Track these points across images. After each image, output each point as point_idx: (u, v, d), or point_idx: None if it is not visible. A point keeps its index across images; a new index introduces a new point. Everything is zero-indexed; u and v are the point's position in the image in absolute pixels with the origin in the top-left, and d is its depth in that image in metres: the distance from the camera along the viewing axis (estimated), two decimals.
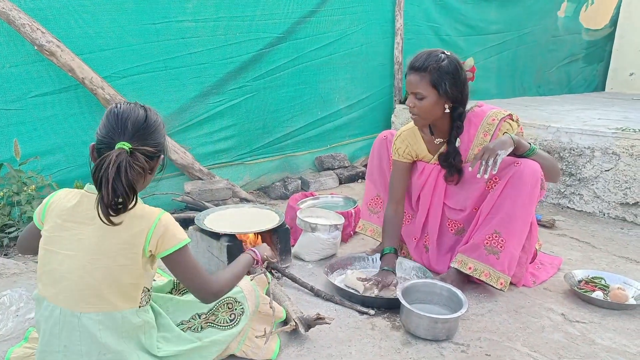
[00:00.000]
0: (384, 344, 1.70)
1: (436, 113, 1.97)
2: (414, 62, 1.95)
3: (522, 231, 1.96)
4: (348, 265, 2.29)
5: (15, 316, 1.73)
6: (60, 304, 1.31)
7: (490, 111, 2.03)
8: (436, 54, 1.92)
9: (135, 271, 1.33)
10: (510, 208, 1.92)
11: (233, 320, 1.52)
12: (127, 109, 1.34)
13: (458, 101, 1.97)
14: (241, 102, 3.48)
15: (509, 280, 1.98)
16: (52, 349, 1.33)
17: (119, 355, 1.33)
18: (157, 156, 1.39)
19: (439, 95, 1.92)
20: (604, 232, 2.88)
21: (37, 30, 2.54)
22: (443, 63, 1.90)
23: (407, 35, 4.36)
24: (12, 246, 2.59)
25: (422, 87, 1.92)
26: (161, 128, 1.39)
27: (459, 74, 1.92)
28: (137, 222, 1.31)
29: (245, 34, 3.38)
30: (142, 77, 2.99)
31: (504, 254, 1.95)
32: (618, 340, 1.75)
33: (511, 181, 1.92)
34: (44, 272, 1.35)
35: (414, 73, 1.94)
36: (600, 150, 3.10)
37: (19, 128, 2.65)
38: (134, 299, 1.35)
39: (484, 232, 1.98)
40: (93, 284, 1.30)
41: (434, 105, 1.94)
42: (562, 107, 4.54)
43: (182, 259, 1.37)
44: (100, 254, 1.30)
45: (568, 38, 6.10)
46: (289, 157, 3.89)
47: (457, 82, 1.92)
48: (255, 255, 1.69)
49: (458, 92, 1.94)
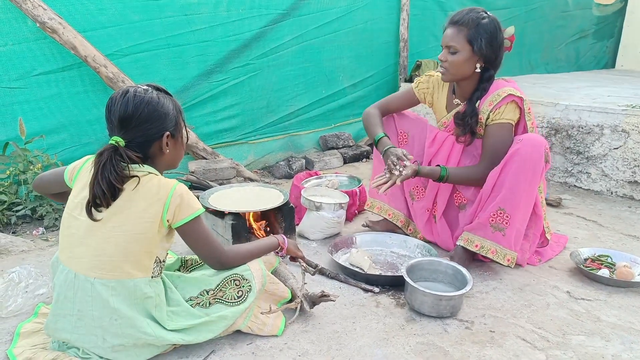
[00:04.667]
0: (388, 321, 1.71)
1: (465, 70, 1.96)
2: (455, 15, 1.95)
3: (527, 205, 1.94)
4: (352, 244, 2.30)
5: (25, 292, 1.76)
6: (75, 269, 1.37)
7: (506, 86, 2.00)
8: (478, 11, 1.92)
9: (150, 240, 1.38)
10: (513, 183, 1.90)
11: (240, 297, 1.53)
12: (114, 101, 1.38)
13: (490, 62, 1.96)
14: (245, 80, 3.45)
15: (515, 256, 1.98)
16: (65, 312, 1.39)
17: (130, 321, 1.37)
18: (158, 138, 1.42)
19: (473, 52, 1.91)
20: (612, 210, 2.86)
21: (38, 7, 2.51)
22: (483, 21, 1.90)
23: (413, 11, 4.27)
24: (20, 224, 2.61)
25: (457, 41, 1.92)
26: (155, 114, 1.40)
27: (497, 34, 1.92)
28: (154, 192, 1.38)
29: (248, 11, 3.33)
30: (144, 55, 2.97)
31: (510, 229, 1.94)
32: (624, 317, 1.75)
33: (512, 158, 1.90)
34: (64, 237, 1.42)
35: (452, 26, 1.94)
36: (610, 128, 3.05)
37: (23, 106, 2.64)
38: (146, 268, 1.40)
39: (488, 210, 1.97)
40: (109, 250, 1.35)
41: (466, 61, 1.93)
42: (571, 85, 4.46)
43: (197, 228, 1.45)
44: (117, 222, 1.36)
45: (577, 13, 5.97)
46: (293, 136, 3.88)
47: (494, 43, 1.91)
48: (283, 243, 1.74)
49: (492, 53, 1.93)
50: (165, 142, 1.44)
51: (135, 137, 1.39)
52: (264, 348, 1.55)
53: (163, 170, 1.51)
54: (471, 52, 1.92)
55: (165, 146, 1.44)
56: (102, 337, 1.38)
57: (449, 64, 1.95)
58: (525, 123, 2.03)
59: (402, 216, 2.36)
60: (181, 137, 1.52)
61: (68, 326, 1.40)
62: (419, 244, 2.24)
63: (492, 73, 1.99)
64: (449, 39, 1.94)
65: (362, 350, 1.54)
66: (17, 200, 2.60)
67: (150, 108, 1.39)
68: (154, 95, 1.41)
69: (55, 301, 1.42)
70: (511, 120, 1.99)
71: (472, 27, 1.89)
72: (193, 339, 1.46)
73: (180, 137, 1.51)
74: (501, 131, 1.98)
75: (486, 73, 1.98)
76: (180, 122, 1.50)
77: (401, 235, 2.31)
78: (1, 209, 2.53)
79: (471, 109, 2.02)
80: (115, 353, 1.41)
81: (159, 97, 1.42)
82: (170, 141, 1.45)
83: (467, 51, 1.91)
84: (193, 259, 1.78)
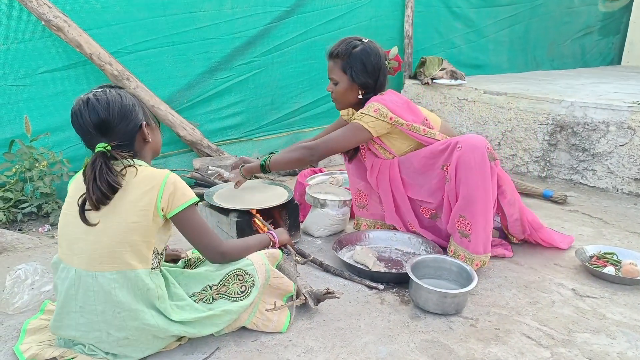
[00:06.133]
0: (393, 318, 1.71)
1: (350, 98, 2.09)
2: (332, 48, 2.06)
3: (485, 210, 1.92)
4: (357, 241, 2.30)
5: (31, 289, 1.77)
6: (75, 265, 1.39)
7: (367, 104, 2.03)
8: (350, 41, 2.02)
9: (146, 228, 1.40)
10: (465, 191, 1.91)
11: (244, 292, 1.54)
12: (80, 113, 1.37)
13: (369, 87, 2.05)
14: (249, 77, 3.45)
15: (486, 259, 1.98)
16: (69, 310, 1.40)
17: (133, 314, 1.38)
18: (138, 130, 1.45)
19: (350, 81, 2.03)
20: (617, 207, 2.85)
21: (44, 5, 2.51)
22: (354, 50, 1.99)
23: (418, 7, 4.25)
24: (26, 221, 2.63)
25: (335, 73, 2.06)
26: (126, 109, 1.41)
27: (369, 60, 2.00)
28: (147, 181, 1.40)
29: (253, 8, 3.33)
30: (149, 53, 2.97)
31: (474, 236, 1.94)
32: (629, 314, 1.75)
33: (459, 165, 1.91)
34: (61, 235, 1.44)
35: (329, 59, 2.07)
36: (615, 125, 3.04)
37: (28, 104, 2.66)
38: (146, 259, 1.42)
39: (452, 217, 2.00)
40: (107, 242, 1.37)
41: (346, 89, 2.06)
42: (576, 81, 4.44)
43: (191, 217, 1.46)
44: (112, 213, 1.38)
45: (583, 9, 5.92)
46: (298, 133, 3.87)
47: (368, 69, 2.01)
48: (273, 238, 1.80)
49: (369, 78, 2.02)
50: (146, 132, 1.47)
51: (118, 137, 1.40)
52: (268, 345, 1.55)
53: (150, 160, 1.54)
54: (349, 81, 2.03)
55: (147, 135, 1.47)
56: (106, 332, 1.40)
57: (335, 94, 2.09)
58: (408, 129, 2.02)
59: (391, 227, 2.36)
60: (154, 122, 1.54)
61: (72, 323, 1.41)
62: (423, 241, 2.24)
63: (370, 96, 2.06)
64: (329, 72, 2.07)
65: (366, 347, 1.54)
66: (23, 197, 2.61)
67: (118, 105, 1.40)
68: (114, 93, 1.42)
69: (58, 300, 1.43)
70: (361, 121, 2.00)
71: (345, 58, 2.00)
72: (197, 332, 1.47)
73: (153, 122, 1.54)
74: (348, 126, 2.04)
75: (365, 97, 2.07)
76: (146, 109, 1.52)
77: (406, 233, 2.30)
78: (7, 206, 2.55)
79: None
80: (121, 347, 1.42)
81: (119, 93, 1.43)
82: (148, 129, 1.48)
83: (345, 80, 2.04)
84: (196, 257, 1.79)
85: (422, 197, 2.12)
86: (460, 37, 4.77)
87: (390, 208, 2.26)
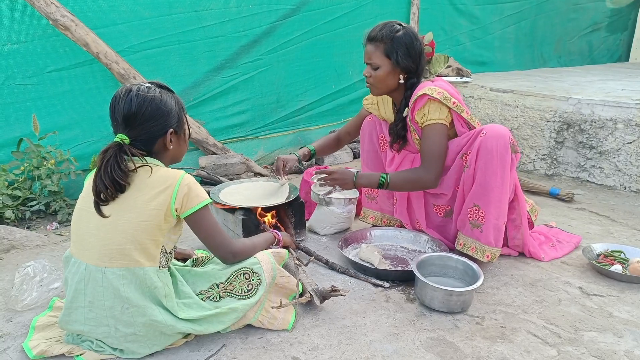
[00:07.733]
0: (398, 316, 1.72)
1: (390, 83, 2.01)
2: (371, 32, 2.00)
3: (499, 200, 1.91)
4: (362, 239, 2.30)
5: (39, 286, 1.79)
6: (85, 260, 1.41)
7: (424, 88, 1.96)
8: (391, 25, 1.96)
9: (156, 227, 1.41)
10: (482, 178, 1.90)
11: (250, 291, 1.55)
12: (117, 100, 1.41)
13: (412, 72, 1.99)
14: (255, 76, 3.46)
15: (497, 252, 1.97)
16: (78, 304, 1.42)
17: (141, 310, 1.40)
18: (162, 135, 1.46)
19: (393, 65, 1.96)
20: (625, 205, 2.83)
21: (51, 5, 2.53)
22: (398, 34, 1.94)
23: (423, 5, 4.24)
24: (34, 219, 2.65)
25: (376, 57, 1.97)
26: (159, 112, 1.43)
27: (413, 45, 1.95)
28: (161, 181, 1.41)
29: (258, 6, 3.33)
30: (155, 52, 2.99)
31: (486, 225, 1.93)
32: (636, 313, 1.74)
33: (480, 152, 1.90)
34: (74, 230, 1.47)
35: (369, 43, 1.99)
36: (623, 122, 3.01)
37: (36, 103, 2.68)
38: (154, 257, 1.44)
39: (465, 207, 1.99)
40: (117, 239, 1.38)
41: (388, 74, 1.98)
42: (583, 78, 4.41)
43: (204, 217, 1.48)
44: (124, 210, 1.39)
45: (590, 6, 5.88)
46: (303, 131, 3.88)
47: (411, 53, 1.95)
48: (277, 236, 1.84)
49: (412, 62, 1.97)
50: (169, 139, 1.48)
51: (140, 134, 1.42)
52: (274, 342, 1.56)
53: (168, 164, 1.54)
54: (391, 66, 1.96)
55: (169, 142, 1.48)
56: (114, 327, 1.41)
57: (373, 79, 2.01)
58: (460, 116, 1.99)
59: (398, 221, 2.36)
60: (184, 133, 1.55)
61: (81, 318, 1.42)
62: (429, 239, 2.23)
63: (414, 81, 2.01)
64: (368, 56, 1.99)
65: (372, 345, 1.55)
66: (31, 195, 2.63)
67: (154, 106, 1.41)
68: (157, 93, 1.43)
69: (68, 294, 1.45)
70: (439, 120, 1.95)
71: (388, 42, 1.93)
72: (203, 329, 1.49)
73: (183, 133, 1.54)
74: (431, 132, 1.96)
75: (409, 82, 2.02)
76: (183, 119, 1.53)
77: (411, 230, 2.30)
78: (16, 204, 2.57)
79: (399, 117, 2.08)
80: (128, 343, 1.43)
81: (162, 94, 1.45)
82: (173, 137, 1.49)
83: (387, 65, 1.96)
84: (204, 256, 1.81)
85: (438, 190, 2.09)
86: (466, 34, 4.75)
87: (402, 202, 2.25)
